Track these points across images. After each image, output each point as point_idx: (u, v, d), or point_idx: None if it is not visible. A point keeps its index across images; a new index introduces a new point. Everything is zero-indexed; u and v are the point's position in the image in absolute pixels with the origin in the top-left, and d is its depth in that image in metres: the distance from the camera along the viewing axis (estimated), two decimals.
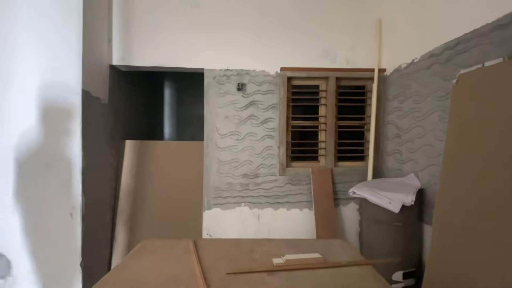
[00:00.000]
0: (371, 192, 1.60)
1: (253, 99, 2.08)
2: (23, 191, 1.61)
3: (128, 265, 1.22)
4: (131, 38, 1.98)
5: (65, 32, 1.61)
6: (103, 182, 1.91)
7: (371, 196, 1.59)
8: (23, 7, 1.58)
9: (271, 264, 1.18)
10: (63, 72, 1.61)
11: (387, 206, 1.49)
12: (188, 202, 2.12)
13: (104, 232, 1.95)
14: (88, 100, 1.71)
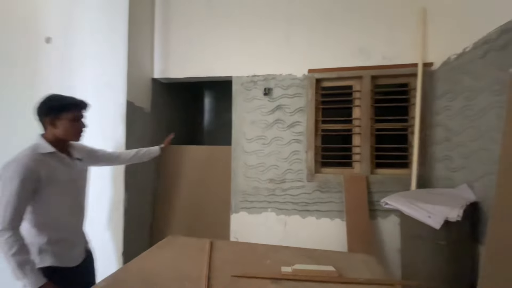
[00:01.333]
0: (408, 203, 1.39)
1: (279, 103, 2.06)
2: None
3: (149, 256, 1.33)
4: (169, 53, 2.21)
5: (115, 52, 1.90)
6: (144, 182, 2.15)
7: (407, 208, 1.38)
8: (82, 33, 1.94)
9: (278, 272, 1.13)
10: (112, 85, 1.90)
11: (426, 220, 1.27)
12: (218, 204, 2.20)
13: (144, 225, 2.17)
14: (132, 110, 1.96)
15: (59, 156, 1.20)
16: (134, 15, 1.95)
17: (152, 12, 2.21)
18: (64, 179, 1.21)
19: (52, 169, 1.16)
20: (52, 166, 1.16)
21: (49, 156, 1.17)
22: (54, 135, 1.20)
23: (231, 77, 2.13)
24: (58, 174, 1.18)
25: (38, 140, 1.18)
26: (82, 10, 1.96)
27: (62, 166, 1.21)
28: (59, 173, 1.18)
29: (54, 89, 1.97)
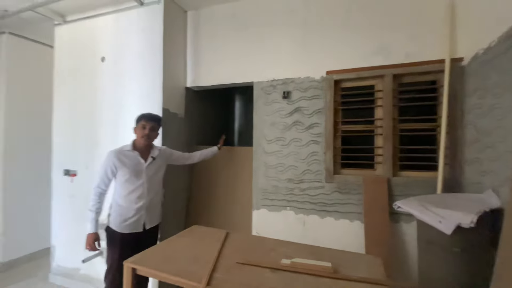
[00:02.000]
0: (421, 207, 1.34)
1: (298, 105, 2.13)
2: None
3: (174, 241, 1.57)
4: (199, 64, 2.47)
5: (153, 68, 2.22)
6: (179, 179, 2.44)
7: (418, 212, 1.33)
8: (128, 53, 2.31)
9: (279, 263, 1.23)
10: (151, 95, 2.22)
11: (436, 225, 1.22)
12: (242, 201, 2.37)
13: (179, 217, 2.46)
14: (167, 116, 2.26)
15: (132, 154, 1.77)
16: (168, 34, 2.25)
17: (185, 30, 2.50)
18: (131, 170, 1.73)
19: (123, 162, 1.72)
20: (124, 160, 1.73)
21: (126, 152, 1.76)
22: (135, 139, 1.83)
23: (252, 82, 2.28)
24: (127, 166, 1.72)
25: (129, 142, 1.82)
26: (128, 35, 2.34)
27: (131, 161, 1.75)
28: (128, 165, 1.72)
29: (108, 99, 2.41)
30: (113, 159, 1.70)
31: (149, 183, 1.80)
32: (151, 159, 1.81)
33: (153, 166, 1.83)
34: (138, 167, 1.76)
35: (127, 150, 1.76)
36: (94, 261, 2.43)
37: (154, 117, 1.83)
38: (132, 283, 1.26)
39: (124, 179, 1.73)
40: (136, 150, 1.78)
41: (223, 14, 2.39)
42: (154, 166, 1.84)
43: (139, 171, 1.76)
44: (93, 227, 1.70)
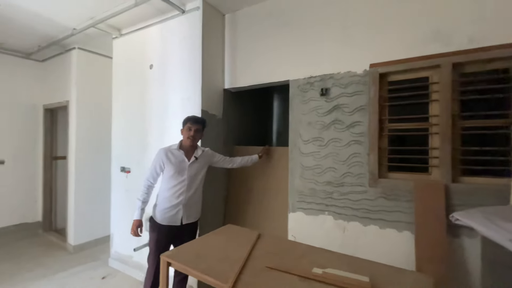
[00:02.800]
0: (486, 220, 1.11)
1: (337, 103, 1.99)
2: None
3: (207, 238, 1.61)
4: (236, 65, 2.51)
5: (193, 73, 2.33)
6: (217, 177, 2.51)
7: (482, 227, 1.10)
8: (172, 60, 2.48)
9: (309, 272, 1.16)
10: (191, 98, 2.34)
11: (505, 244, 0.99)
12: (278, 202, 2.32)
13: (218, 215, 2.53)
14: (206, 117, 2.34)
15: (178, 153, 1.93)
16: (207, 39, 2.33)
17: (223, 33, 2.56)
18: (175, 168, 1.89)
19: (169, 160, 1.90)
20: (171, 158, 1.91)
21: (173, 151, 1.94)
22: (182, 140, 1.99)
23: (288, 80, 2.21)
24: (173, 163, 1.89)
25: (177, 142, 2.00)
26: (171, 42, 2.51)
27: (177, 160, 1.91)
28: (173, 163, 1.90)
29: (155, 103, 2.61)
30: (162, 156, 1.90)
31: (190, 180, 1.93)
32: (194, 159, 1.95)
33: (195, 165, 1.97)
34: (182, 165, 1.91)
35: (174, 148, 1.94)
36: (144, 250, 2.67)
37: (199, 120, 1.99)
38: (167, 274, 1.32)
39: (169, 175, 1.90)
40: (182, 149, 1.95)
41: (259, 13, 2.37)
42: (196, 166, 1.97)
43: (183, 168, 1.91)
44: (138, 214, 1.92)
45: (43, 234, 3.90)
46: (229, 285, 1.06)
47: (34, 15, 2.58)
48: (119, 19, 2.58)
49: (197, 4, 2.30)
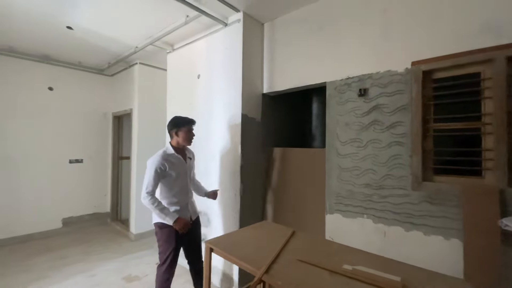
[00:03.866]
0: None
1: (376, 103, 1.95)
2: (215, 177, 2.70)
3: (245, 231, 1.76)
4: (274, 70, 2.63)
5: (234, 80, 2.52)
6: (256, 176, 2.65)
7: None
8: (216, 69, 2.72)
9: (339, 267, 1.20)
10: (233, 103, 2.54)
11: None
12: (315, 203, 2.35)
13: (256, 212, 2.67)
14: (246, 120, 2.52)
15: (177, 156, 2.03)
16: (247, 48, 2.51)
17: (262, 41, 2.72)
18: (178, 170, 2.00)
19: (171, 163, 1.97)
20: (172, 161, 1.98)
21: (171, 155, 2.00)
22: (177, 142, 2.04)
23: (325, 82, 2.23)
24: (175, 166, 1.98)
25: (167, 145, 2.07)
26: (215, 53, 2.76)
27: (177, 162, 2.02)
28: (175, 166, 1.99)
29: (202, 109, 2.88)
30: (162, 163, 1.91)
31: (190, 180, 2.13)
32: (189, 160, 2.13)
33: (190, 165, 2.15)
34: (183, 166, 2.05)
35: (171, 153, 2.00)
36: None
37: (194, 121, 2.11)
38: (210, 260, 1.50)
39: (172, 179, 1.97)
40: (178, 153, 2.03)
41: (296, 19, 2.46)
42: (191, 165, 2.16)
43: (184, 170, 2.06)
44: (173, 214, 1.91)
45: (110, 223, 4.57)
46: (261, 272, 1.17)
47: (106, 38, 3.11)
48: (172, 36, 2.95)
49: (238, 16, 2.50)
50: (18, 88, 3.70)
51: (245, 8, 2.44)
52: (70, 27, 2.82)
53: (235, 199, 2.49)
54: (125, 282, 2.68)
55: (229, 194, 2.55)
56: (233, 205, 2.50)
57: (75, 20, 2.66)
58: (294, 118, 3.23)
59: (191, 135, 2.09)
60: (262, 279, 1.17)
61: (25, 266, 2.98)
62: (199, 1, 2.28)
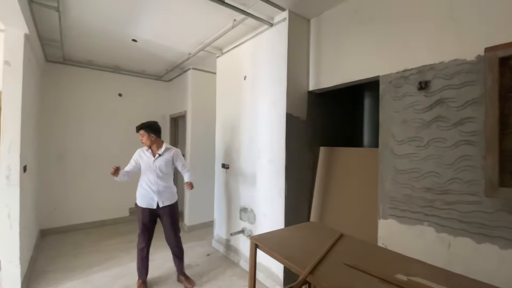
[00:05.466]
0: None
1: (440, 97, 1.72)
2: (260, 175, 2.75)
3: (290, 230, 1.76)
4: (320, 66, 2.54)
5: (279, 78, 2.53)
6: (301, 176, 2.61)
7: None
8: (261, 70, 2.76)
9: (392, 277, 1.12)
10: (277, 103, 2.55)
11: None
12: (365, 206, 2.20)
13: (302, 210, 2.63)
14: (290, 119, 2.50)
15: (147, 152, 2.57)
16: (292, 46, 2.49)
17: (308, 37, 2.66)
18: (145, 162, 2.53)
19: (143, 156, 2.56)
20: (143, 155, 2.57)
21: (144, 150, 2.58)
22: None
23: (378, 76, 2.07)
24: (144, 159, 2.55)
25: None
26: (261, 56, 2.80)
27: (146, 157, 2.55)
28: (144, 159, 2.55)
29: (248, 110, 2.97)
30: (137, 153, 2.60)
31: (158, 172, 2.52)
32: (157, 155, 2.54)
33: (158, 160, 2.54)
34: (150, 160, 2.53)
35: (146, 148, 2.58)
36: (238, 236, 3.08)
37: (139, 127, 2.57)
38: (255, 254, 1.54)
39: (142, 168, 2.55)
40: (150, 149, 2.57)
41: (344, 12, 2.33)
42: (159, 160, 2.54)
43: (149, 164, 2.52)
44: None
45: None
46: (306, 272, 1.15)
47: (163, 47, 3.43)
48: (220, 40, 3.10)
49: (283, 15, 2.49)
50: (95, 95, 4.38)
51: (290, 7, 2.42)
52: (135, 40, 3.21)
53: (280, 199, 2.50)
54: None
55: (274, 194, 2.58)
56: (278, 205, 2.52)
57: (138, 33, 3.02)
58: (342, 116, 3.08)
59: (140, 139, 2.55)
60: (307, 280, 1.15)
61: (99, 247, 3.52)
62: (245, 5, 2.35)
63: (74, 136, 4.20)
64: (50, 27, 2.75)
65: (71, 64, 4.08)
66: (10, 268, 2.18)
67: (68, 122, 4.15)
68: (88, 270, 2.85)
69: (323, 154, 2.68)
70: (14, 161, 2.20)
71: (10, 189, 2.18)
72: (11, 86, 2.17)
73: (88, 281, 2.63)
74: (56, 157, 4.04)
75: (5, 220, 2.16)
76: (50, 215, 3.97)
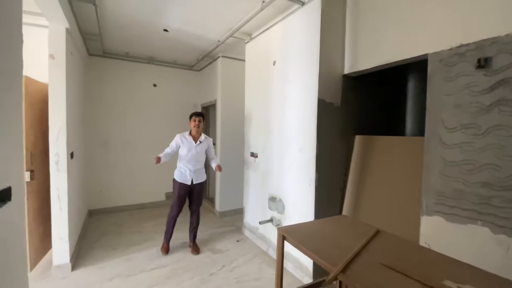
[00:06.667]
0: None
1: (504, 76, 1.44)
2: (289, 165, 2.67)
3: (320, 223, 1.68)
4: (358, 47, 2.31)
5: (310, 61, 2.37)
6: (333, 166, 2.47)
7: None
8: (292, 54, 2.61)
9: (438, 283, 0.99)
10: (308, 88, 2.40)
11: None
12: (406, 201, 2.01)
13: (333, 203, 2.50)
14: (323, 105, 2.35)
15: (189, 137, 2.98)
16: (325, 26, 2.29)
17: (343, 16, 2.43)
18: (186, 146, 2.94)
19: (184, 141, 2.96)
20: (184, 140, 2.96)
21: (186, 136, 2.99)
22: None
23: (426, 54, 1.81)
24: (185, 143, 2.95)
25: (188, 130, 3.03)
26: (291, 38, 2.65)
27: (187, 142, 2.96)
28: (186, 144, 2.95)
29: (277, 95, 2.87)
30: (178, 138, 2.98)
31: (197, 156, 2.98)
32: (199, 142, 2.99)
33: (198, 146, 2.98)
34: (191, 146, 2.95)
35: (187, 134, 3.00)
36: (267, 225, 3.06)
37: (201, 114, 3.08)
38: (283, 246, 1.49)
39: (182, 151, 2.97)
40: (191, 135, 3.01)
41: None
42: (199, 146, 2.99)
43: (190, 148, 2.95)
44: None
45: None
46: (337, 270, 1.07)
47: (193, 36, 3.43)
48: (249, 25, 3.00)
49: None
50: (132, 86, 4.60)
51: None
52: (166, 30, 3.25)
53: (310, 189, 2.40)
54: (211, 253, 3.04)
55: (303, 184, 2.48)
56: (308, 195, 2.42)
57: (169, 23, 3.04)
58: (380, 101, 2.81)
59: (194, 124, 2.99)
60: (337, 277, 1.07)
61: (138, 228, 3.79)
62: None
63: (115, 124, 4.51)
64: (89, 20, 2.89)
65: (110, 57, 4.33)
66: (60, 244, 2.44)
67: (110, 111, 4.45)
68: (128, 249, 3.09)
69: (358, 143, 2.49)
70: (61, 149, 2.41)
71: (59, 174, 2.41)
72: (56, 79, 2.34)
73: (129, 259, 2.85)
74: (100, 144, 4.40)
75: (55, 202, 2.40)
76: (97, 197, 4.38)
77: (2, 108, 1.00)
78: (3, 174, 1.03)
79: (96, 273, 2.56)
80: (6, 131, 1.01)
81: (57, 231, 2.44)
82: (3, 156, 1.00)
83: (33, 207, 2.40)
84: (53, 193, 2.40)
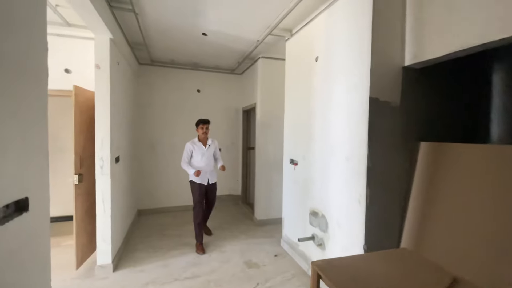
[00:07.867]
0: None
1: None
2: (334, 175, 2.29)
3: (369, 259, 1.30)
4: (423, 30, 1.83)
5: (360, 53, 1.98)
6: (390, 181, 2.00)
7: None
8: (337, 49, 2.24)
9: None
10: (358, 85, 2.00)
11: None
12: (496, 233, 1.46)
13: (390, 227, 2.03)
14: (376, 106, 1.93)
15: (199, 143, 3.29)
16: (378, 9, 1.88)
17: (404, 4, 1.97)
18: (198, 151, 3.26)
19: (195, 147, 3.27)
20: (195, 147, 3.28)
21: (196, 142, 3.30)
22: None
23: None
24: (197, 150, 3.26)
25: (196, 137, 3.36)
26: (336, 29, 2.28)
27: (198, 148, 3.27)
28: (197, 149, 3.26)
29: (319, 96, 2.53)
30: (190, 146, 3.26)
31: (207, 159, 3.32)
32: (208, 146, 3.32)
33: (207, 150, 3.32)
34: (201, 151, 3.28)
35: (197, 141, 3.32)
36: (308, 243, 2.72)
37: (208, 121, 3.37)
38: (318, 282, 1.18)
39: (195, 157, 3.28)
40: (200, 141, 3.32)
41: None
42: (208, 150, 3.33)
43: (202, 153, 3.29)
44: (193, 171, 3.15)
45: (241, 205, 5.13)
46: None
47: (232, 37, 3.31)
48: (288, 20, 2.73)
49: None
50: (178, 91, 4.77)
51: None
52: (205, 34, 3.21)
53: (359, 208, 1.99)
54: (246, 267, 2.84)
55: (351, 200, 2.08)
56: (356, 215, 2.01)
57: (207, 25, 2.98)
58: (455, 99, 2.22)
59: (203, 131, 3.28)
60: None
61: (180, 231, 3.83)
62: None
63: (162, 129, 4.73)
64: (133, 29, 3.02)
65: (157, 65, 4.55)
66: (103, 245, 2.55)
67: (158, 117, 4.68)
68: (168, 253, 3.11)
69: (425, 152, 1.98)
70: (105, 154, 2.52)
71: (103, 177, 2.52)
72: (102, 87, 2.47)
73: (166, 265, 2.84)
74: (148, 147, 4.65)
75: (100, 204, 2.52)
76: (146, 198, 4.63)
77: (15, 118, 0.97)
78: (18, 185, 1.00)
79: (134, 276, 2.60)
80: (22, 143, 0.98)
81: (101, 232, 2.56)
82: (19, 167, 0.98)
83: (82, 208, 2.57)
84: (98, 196, 2.53)
